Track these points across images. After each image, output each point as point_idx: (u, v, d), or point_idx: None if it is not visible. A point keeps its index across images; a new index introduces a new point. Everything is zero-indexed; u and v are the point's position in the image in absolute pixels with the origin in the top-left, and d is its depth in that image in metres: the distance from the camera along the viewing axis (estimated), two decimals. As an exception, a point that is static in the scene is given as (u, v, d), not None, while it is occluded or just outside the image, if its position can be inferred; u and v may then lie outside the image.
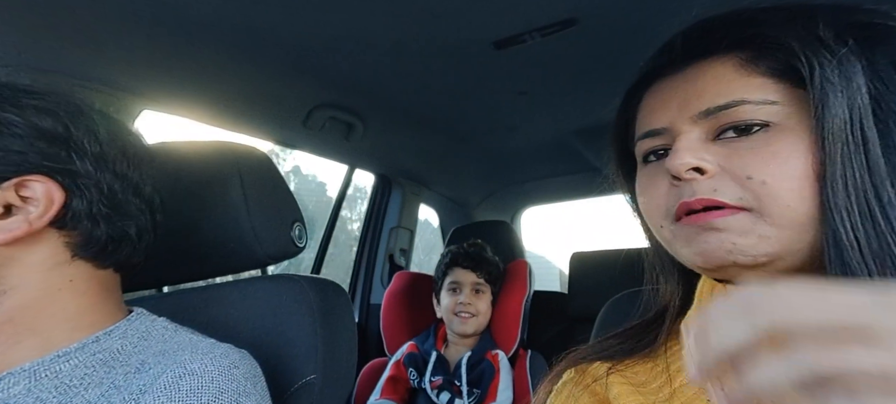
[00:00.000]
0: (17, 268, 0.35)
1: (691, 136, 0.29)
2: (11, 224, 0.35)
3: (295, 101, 0.92)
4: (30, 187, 0.35)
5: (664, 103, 0.32)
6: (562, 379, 0.36)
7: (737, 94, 0.28)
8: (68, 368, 0.35)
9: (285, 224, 0.52)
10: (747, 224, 0.27)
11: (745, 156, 0.27)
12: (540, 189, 1.75)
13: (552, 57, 0.85)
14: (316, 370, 0.45)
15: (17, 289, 0.35)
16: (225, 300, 0.51)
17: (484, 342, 1.05)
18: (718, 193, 0.27)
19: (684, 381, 0.30)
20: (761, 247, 0.26)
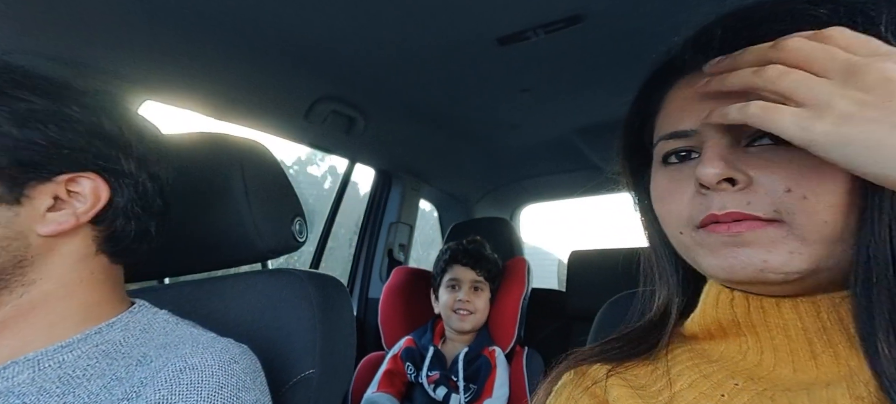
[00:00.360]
0: (53, 258, 0.37)
1: (723, 142, 0.27)
2: (61, 217, 0.36)
3: (297, 94, 0.92)
4: (79, 183, 0.37)
5: (694, 104, 0.29)
6: (561, 381, 0.36)
7: None
8: (71, 358, 0.35)
9: (286, 218, 0.52)
10: (777, 237, 0.25)
11: (784, 167, 0.25)
12: (540, 186, 1.75)
13: (556, 54, 0.85)
14: (314, 364, 0.46)
15: (47, 279, 0.36)
16: (225, 293, 0.51)
17: (481, 338, 1.05)
18: (751, 207, 0.26)
19: (685, 385, 0.30)
20: (793, 264, 0.25)
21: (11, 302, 0.35)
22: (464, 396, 0.96)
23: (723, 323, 0.30)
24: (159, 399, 0.32)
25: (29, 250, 0.35)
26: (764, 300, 0.28)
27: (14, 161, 0.34)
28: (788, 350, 0.28)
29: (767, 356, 0.28)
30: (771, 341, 0.28)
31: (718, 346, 0.31)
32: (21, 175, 0.34)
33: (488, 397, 0.95)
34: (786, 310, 0.27)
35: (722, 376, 0.29)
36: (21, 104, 0.35)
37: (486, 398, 0.94)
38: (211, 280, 0.54)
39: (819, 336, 0.27)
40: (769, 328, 0.28)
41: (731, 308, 0.30)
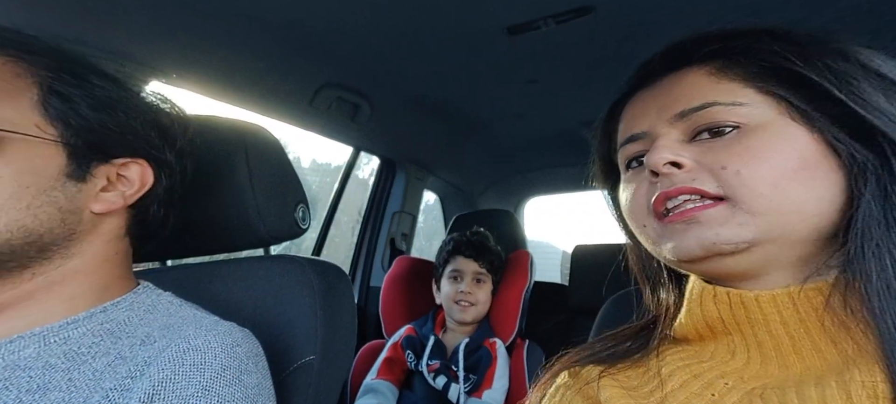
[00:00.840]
0: (94, 235, 0.38)
1: (669, 137, 0.32)
2: (111, 197, 0.38)
3: (302, 79, 0.91)
4: (130, 168, 0.39)
5: (644, 110, 0.34)
6: (555, 384, 0.37)
7: (708, 97, 0.31)
8: (76, 335, 0.36)
9: (289, 205, 0.52)
10: (726, 214, 0.28)
11: (719, 151, 0.29)
12: (545, 179, 1.74)
13: (565, 45, 0.83)
14: (315, 351, 0.46)
15: (82, 255, 0.38)
16: (228, 277, 0.51)
17: (482, 330, 1.06)
18: (697, 182, 0.29)
19: (676, 385, 0.31)
20: (742, 234, 0.28)
21: (45, 273, 0.36)
22: (463, 386, 0.96)
23: (709, 322, 0.32)
24: (163, 378, 0.32)
25: (80, 225, 0.37)
26: (743, 294, 0.29)
27: (86, 142, 0.36)
28: (772, 346, 0.29)
29: (754, 354, 0.29)
30: (755, 338, 0.29)
31: (708, 347, 0.32)
32: (89, 155, 0.37)
33: (488, 388, 0.95)
34: (764, 305, 0.29)
35: (712, 376, 0.30)
36: (98, 90, 0.37)
37: (486, 389, 0.95)
38: (214, 263, 0.54)
39: (799, 330, 0.28)
40: (752, 324, 0.29)
41: (714, 305, 0.31)
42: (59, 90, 0.35)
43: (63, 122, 0.35)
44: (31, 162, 0.34)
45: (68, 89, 0.35)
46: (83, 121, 0.36)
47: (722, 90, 0.31)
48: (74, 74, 0.36)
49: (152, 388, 0.32)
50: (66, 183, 0.35)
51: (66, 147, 0.35)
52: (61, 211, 0.35)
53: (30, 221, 0.34)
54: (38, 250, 0.35)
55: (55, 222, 0.35)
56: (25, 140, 0.34)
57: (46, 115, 0.35)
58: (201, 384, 0.33)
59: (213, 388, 0.33)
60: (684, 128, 0.32)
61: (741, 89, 0.30)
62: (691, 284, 0.34)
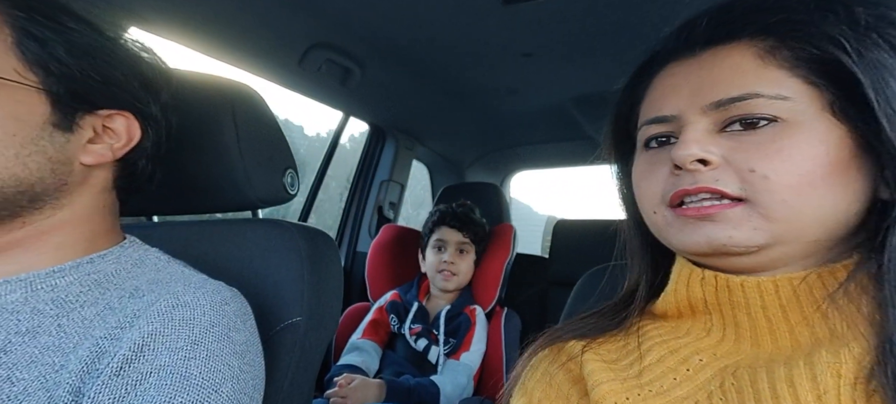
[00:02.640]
0: (83, 187, 0.39)
1: (699, 127, 0.29)
2: (100, 149, 0.38)
3: (291, 37, 0.88)
4: (115, 120, 0.39)
5: (676, 89, 0.31)
6: (537, 357, 0.37)
7: (751, 87, 0.28)
8: (64, 284, 0.36)
9: (278, 169, 0.52)
10: (742, 216, 0.28)
11: (749, 150, 0.27)
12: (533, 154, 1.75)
13: (561, 19, 0.82)
14: (302, 312, 0.47)
15: (71, 206, 0.38)
16: (215, 238, 0.51)
17: (463, 297, 1.10)
18: (720, 183, 0.28)
19: (654, 360, 0.32)
20: (754, 238, 0.27)
21: (36, 222, 0.37)
22: (443, 349, 1.01)
23: (691, 301, 0.32)
24: (152, 330, 0.33)
25: (70, 176, 0.37)
26: (730, 279, 0.30)
27: (69, 91, 0.36)
28: (749, 326, 0.29)
29: (729, 332, 0.30)
30: (733, 318, 0.30)
31: (685, 324, 0.33)
32: (73, 104, 0.36)
33: (466, 351, 1.00)
34: (749, 289, 0.29)
35: (688, 352, 0.31)
36: (75, 35, 0.36)
37: (464, 351, 1.00)
38: (202, 223, 0.54)
39: (777, 314, 0.28)
40: (733, 306, 0.30)
41: (700, 287, 0.31)
42: (33, 32, 0.34)
43: (43, 69, 0.34)
44: (13, 108, 0.33)
45: (43, 31, 0.34)
46: (63, 68, 0.35)
47: (767, 79, 0.28)
48: (48, 16, 0.35)
49: (142, 340, 0.33)
50: (53, 132, 0.35)
51: (49, 95, 0.35)
52: (51, 161, 0.35)
53: (20, 170, 0.34)
54: (29, 200, 0.35)
55: (46, 172, 0.35)
56: (4, 85, 0.33)
57: (24, 60, 0.34)
58: (190, 338, 0.34)
59: (202, 342, 0.34)
60: (717, 118, 0.29)
61: (787, 79, 0.27)
62: (679, 265, 0.34)
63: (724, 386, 0.28)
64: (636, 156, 0.35)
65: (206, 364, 0.33)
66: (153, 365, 0.32)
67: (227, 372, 0.34)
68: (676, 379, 0.30)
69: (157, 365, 0.32)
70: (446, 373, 0.96)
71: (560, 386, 0.35)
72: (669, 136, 0.32)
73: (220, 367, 0.34)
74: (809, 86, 0.27)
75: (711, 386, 0.29)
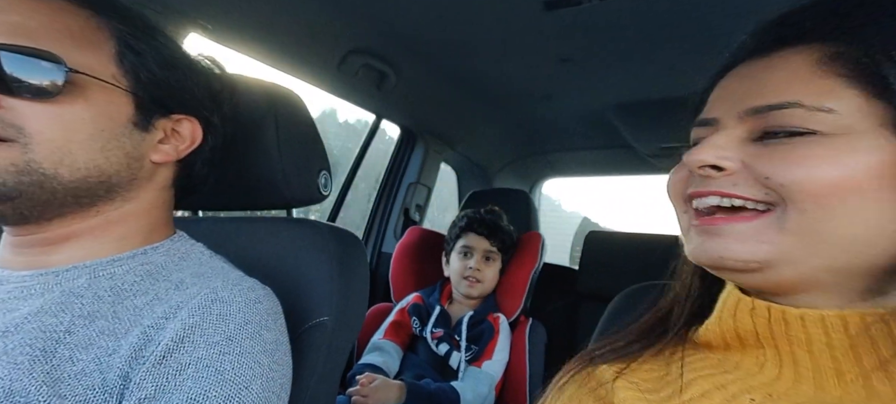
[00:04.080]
0: (150, 182, 0.42)
1: (729, 134, 0.28)
2: (167, 149, 0.42)
3: (332, 42, 0.91)
4: (182, 124, 0.43)
5: (725, 94, 0.31)
6: (565, 379, 0.35)
7: (793, 96, 0.26)
8: (121, 272, 0.39)
9: (313, 170, 0.54)
10: (751, 231, 0.26)
11: (773, 158, 0.26)
12: (565, 161, 1.71)
13: (603, 23, 0.80)
14: (330, 312, 0.48)
15: (137, 199, 0.42)
16: (253, 234, 0.53)
17: (487, 304, 1.08)
18: (739, 188, 0.27)
19: (697, 394, 0.29)
20: (758, 253, 0.26)
21: (107, 212, 0.40)
22: (465, 355, 1.00)
23: (740, 333, 0.29)
24: (193, 323, 0.35)
25: (141, 171, 0.41)
26: (786, 311, 0.27)
27: (151, 96, 0.40)
28: (811, 366, 0.26)
29: (787, 371, 0.27)
30: (791, 355, 0.27)
31: (734, 357, 0.30)
32: (152, 108, 0.40)
33: (488, 359, 0.99)
34: (810, 325, 0.26)
35: (737, 389, 0.28)
36: (164, 49, 0.41)
37: (486, 360, 0.99)
38: (241, 219, 0.57)
39: (845, 354, 0.25)
40: (791, 341, 0.27)
41: (750, 318, 0.29)
42: (132, 45, 0.39)
43: (134, 75, 0.39)
44: (107, 108, 0.37)
45: (140, 45, 0.39)
46: (151, 76, 0.39)
47: (816, 88, 0.26)
48: (145, 32, 0.40)
49: (183, 331, 0.35)
50: (132, 131, 0.39)
51: (135, 98, 0.39)
52: (128, 156, 0.39)
53: (103, 162, 0.37)
54: (106, 190, 0.39)
55: (122, 166, 0.39)
56: (104, 87, 0.37)
57: (121, 67, 0.38)
58: (226, 333, 0.35)
59: (236, 338, 0.36)
60: (754, 126, 0.27)
61: (843, 89, 0.25)
62: (727, 291, 0.31)
63: None
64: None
65: (239, 360, 0.35)
66: (191, 357, 0.34)
67: (258, 369, 0.35)
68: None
69: (195, 357, 0.34)
70: (467, 380, 0.95)
71: None
72: None
73: (251, 364, 0.35)
74: (869, 99, 0.25)
75: None
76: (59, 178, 0.35)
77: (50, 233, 0.38)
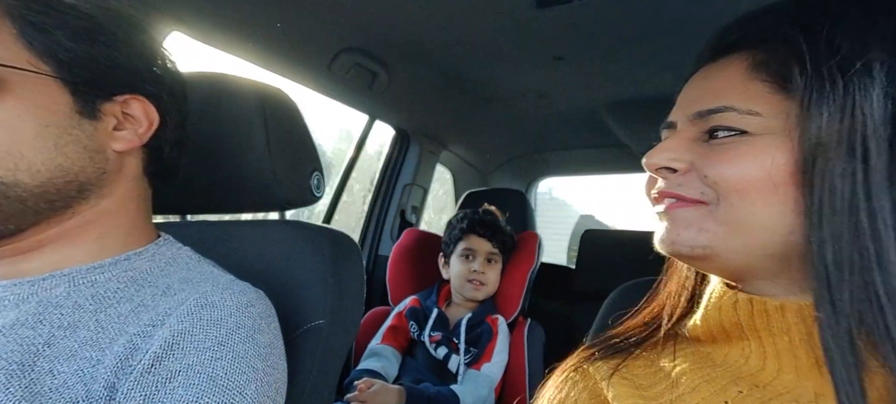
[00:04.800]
0: (119, 175, 0.39)
1: (682, 136, 0.31)
2: (126, 135, 0.39)
3: (322, 42, 0.90)
4: (131, 105, 0.39)
5: (683, 97, 0.34)
6: (562, 378, 0.36)
7: (728, 100, 0.29)
8: (103, 279, 0.37)
9: (305, 171, 0.53)
10: (694, 218, 0.30)
11: (710, 157, 0.29)
12: (559, 160, 1.71)
13: (596, 21, 0.79)
14: (325, 315, 0.47)
15: (112, 195, 0.39)
16: (244, 237, 0.52)
17: (485, 306, 1.07)
18: (682, 189, 0.30)
19: (688, 389, 0.30)
20: (699, 239, 0.29)
21: (83, 212, 0.38)
22: (463, 358, 0.99)
23: (725, 326, 0.31)
24: (182, 330, 0.34)
25: (107, 164, 0.38)
26: (767, 302, 0.28)
27: (82, 78, 0.36)
28: (792, 355, 0.28)
29: (771, 361, 0.28)
30: (774, 346, 0.28)
31: (721, 350, 0.31)
32: (90, 92, 0.36)
33: (487, 361, 0.98)
34: (790, 314, 0.28)
35: (725, 381, 0.29)
36: (71, 19, 0.35)
37: (485, 362, 0.98)
38: (231, 223, 0.55)
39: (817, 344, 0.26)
40: (772, 332, 0.28)
41: (734, 311, 0.30)
42: (32, 20, 0.34)
43: (52, 58, 0.34)
44: (38, 99, 0.34)
45: (40, 18, 0.34)
46: (70, 55, 0.35)
47: (746, 93, 0.29)
48: (43, 3, 0.34)
49: (172, 338, 0.33)
50: (81, 121, 0.36)
51: (66, 84, 0.35)
52: (87, 150, 0.36)
53: (63, 160, 0.35)
54: (78, 190, 0.37)
55: (86, 161, 0.36)
56: (25, 76, 0.33)
57: (32, 50, 0.34)
58: (217, 338, 0.34)
59: (228, 343, 0.34)
60: (701, 127, 0.31)
61: (767, 94, 0.28)
62: (712, 286, 0.33)
63: None
64: None
65: (232, 365, 0.33)
66: (182, 364, 0.32)
67: (252, 374, 0.34)
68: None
69: (186, 363, 0.32)
70: (467, 384, 0.94)
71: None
72: None
73: (244, 369, 0.34)
74: (790, 101, 0.27)
75: None
76: (22, 185, 0.33)
77: (22, 241, 0.36)
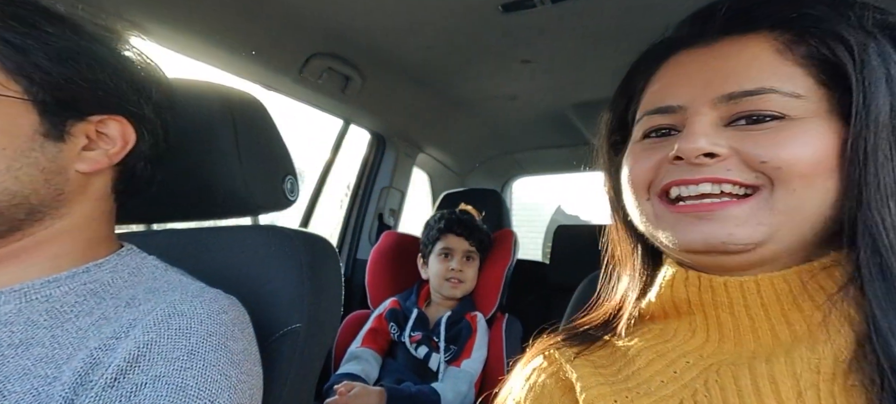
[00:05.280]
0: (82, 195, 0.38)
1: (705, 121, 0.28)
2: (96, 156, 0.37)
3: (292, 46, 0.89)
4: (108, 125, 0.38)
5: (687, 78, 0.30)
6: (532, 366, 0.37)
7: (767, 81, 0.27)
8: (59, 294, 0.36)
9: (277, 176, 0.52)
10: (747, 213, 0.27)
11: (759, 141, 0.27)
12: (532, 160, 1.76)
13: (559, 25, 0.83)
14: (301, 319, 0.47)
15: (72, 215, 0.37)
16: (214, 244, 0.51)
17: (464, 304, 1.09)
18: (733, 173, 0.27)
19: (643, 364, 0.31)
20: (755, 235, 0.27)
21: (35, 233, 0.36)
22: (444, 356, 1.00)
23: (676, 302, 0.32)
24: (148, 341, 0.33)
25: (66, 185, 0.36)
26: (713, 279, 0.30)
27: (55, 99, 0.35)
28: (732, 326, 0.29)
29: (713, 333, 0.30)
30: (717, 319, 0.30)
31: (672, 325, 0.33)
32: (61, 112, 0.35)
33: (467, 358, 0.99)
34: (732, 289, 0.29)
35: (675, 355, 0.31)
36: (54, 39, 0.35)
37: (465, 358, 0.99)
38: (200, 230, 0.54)
39: (758, 312, 0.28)
40: (716, 306, 0.30)
41: (684, 287, 0.31)
42: (10, 40, 0.33)
43: (25, 77, 0.33)
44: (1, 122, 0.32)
45: (20, 39, 0.33)
46: (46, 76, 0.34)
47: (784, 75, 0.27)
48: (24, 22, 0.33)
49: (137, 350, 0.32)
50: (44, 143, 0.34)
51: (36, 104, 0.34)
52: (44, 172, 0.35)
53: (11, 184, 0.33)
54: (27, 213, 0.35)
55: (39, 184, 0.35)
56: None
57: (4, 69, 0.33)
58: (187, 348, 0.33)
59: (198, 352, 0.34)
60: (726, 112, 0.28)
61: (802, 77, 0.27)
62: (666, 267, 0.33)
63: (708, 383, 0.28)
64: (630, 146, 0.34)
65: (203, 374, 0.33)
66: (148, 376, 0.32)
67: (225, 382, 0.34)
68: (664, 381, 0.30)
69: (153, 375, 0.32)
70: (447, 381, 0.95)
71: (552, 396, 0.34)
72: (671, 129, 0.31)
73: (216, 377, 0.34)
74: (820, 86, 0.27)
75: (696, 384, 0.29)
76: None
77: None
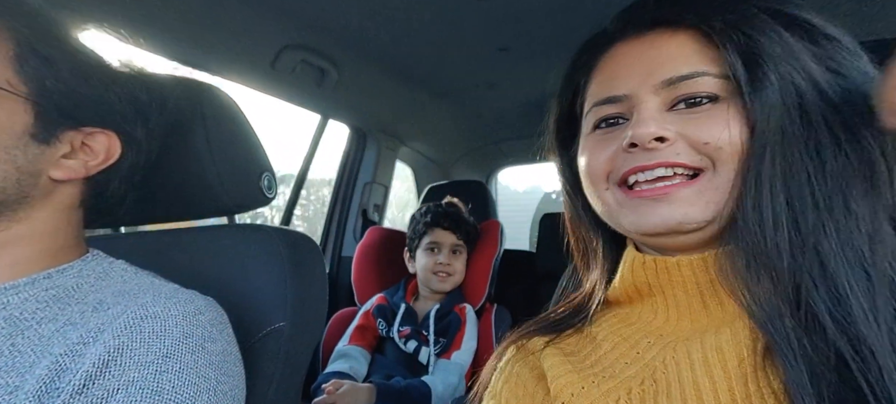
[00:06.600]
0: (47, 202, 0.37)
1: (651, 106, 0.30)
2: (73, 165, 0.37)
3: (263, 39, 0.86)
4: (96, 138, 0.38)
5: (628, 69, 0.32)
6: (505, 357, 0.38)
7: (699, 66, 0.29)
8: (17, 301, 0.34)
9: (253, 173, 0.50)
10: (696, 194, 0.29)
11: (701, 124, 0.29)
12: (516, 149, 1.76)
13: (536, 12, 0.82)
14: (285, 318, 0.46)
15: (30, 220, 0.36)
16: (189, 246, 0.49)
17: (453, 296, 1.09)
18: (681, 156, 0.29)
19: (608, 348, 0.33)
20: (707, 213, 0.29)
21: None
22: (433, 349, 1.00)
23: (638, 286, 0.33)
24: (119, 345, 0.32)
25: (35, 189, 0.36)
26: (668, 260, 0.31)
27: (56, 105, 0.35)
28: (687, 304, 0.31)
29: (672, 312, 0.32)
30: (674, 298, 0.31)
31: (636, 309, 0.34)
32: (57, 119, 0.36)
33: (457, 350, 0.99)
34: (684, 269, 0.31)
35: (639, 336, 0.32)
36: (80, 57, 0.37)
37: (455, 350, 0.99)
38: (174, 231, 0.52)
39: (707, 288, 0.30)
40: (673, 286, 0.31)
41: (643, 271, 0.33)
42: (39, 50, 0.35)
43: (37, 82, 0.35)
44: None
45: (49, 51, 0.35)
46: (59, 85, 0.35)
47: (710, 59, 0.29)
48: (57, 37, 0.36)
49: (108, 354, 0.31)
50: (28, 143, 0.35)
51: (36, 106, 0.34)
52: (18, 171, 0.34)
53: None
54: None
55: (10, 182, 0.34)
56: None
57: (20, 72, 0.34)
58: (161, 351, 0.32)
59: (174, 355, 0.33)
60: (666, 97, 0.30)
61: (722, 63, 0.29)
62: (626, 253, 0.35)
63: (666, 360, 0.30)
64: (582, 140, 0.35)
65: (180, 377, 0.32)
66: (120, 382, 0.30)
67: (203, 384, 0.33)
68: (627, 363, 0.31)
69: (125, 380, 0.30)
70: (437, 373, 0.95)
71: (526, 385, 0.35)
72: (618, 118, 0.33)
73: (194, 380, 0.32)
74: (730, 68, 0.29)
75: (656, 362, 0.30)
76: None
77: None
